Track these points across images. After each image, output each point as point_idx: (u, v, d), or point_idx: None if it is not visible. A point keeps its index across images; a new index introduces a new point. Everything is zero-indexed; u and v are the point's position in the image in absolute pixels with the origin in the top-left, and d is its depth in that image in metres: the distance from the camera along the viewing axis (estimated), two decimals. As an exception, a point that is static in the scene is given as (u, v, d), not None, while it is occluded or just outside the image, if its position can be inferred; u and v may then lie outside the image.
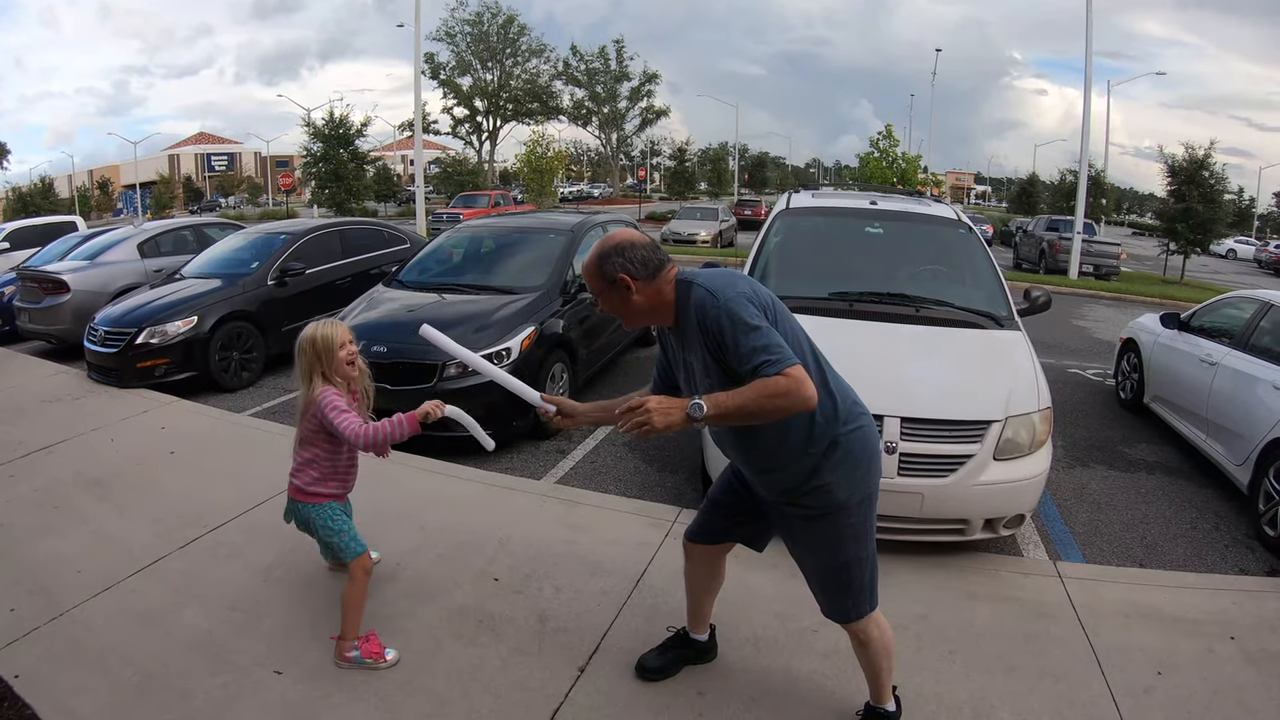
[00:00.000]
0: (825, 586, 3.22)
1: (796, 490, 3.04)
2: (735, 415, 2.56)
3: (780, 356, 2.59)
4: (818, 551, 3.16)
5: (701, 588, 3.75)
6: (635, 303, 2.91)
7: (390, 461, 6.23)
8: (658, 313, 2.96)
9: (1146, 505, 6.34)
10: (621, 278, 2.86)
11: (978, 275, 6.50)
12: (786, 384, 2.53)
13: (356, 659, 3.81)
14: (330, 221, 12.66)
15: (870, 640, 3.25)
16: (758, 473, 3.16)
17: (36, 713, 3.50)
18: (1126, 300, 20.31)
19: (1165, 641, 4.15)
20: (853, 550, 3.10)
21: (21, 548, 5.02)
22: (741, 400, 2.55)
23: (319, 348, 3.79)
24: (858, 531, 3.09)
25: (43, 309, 11.17)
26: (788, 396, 2.53)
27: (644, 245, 2.93)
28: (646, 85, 75.76)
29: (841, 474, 2.99)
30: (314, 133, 37.82)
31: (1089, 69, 25.31)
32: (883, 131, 51.51)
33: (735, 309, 2.70)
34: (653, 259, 2.90)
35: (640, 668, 3.80)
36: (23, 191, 53.37)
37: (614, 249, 2.90)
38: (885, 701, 3.40)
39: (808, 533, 3.14)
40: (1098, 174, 43.21)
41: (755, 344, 2.63)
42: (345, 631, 3.83)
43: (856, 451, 3.01)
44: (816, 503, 3.03)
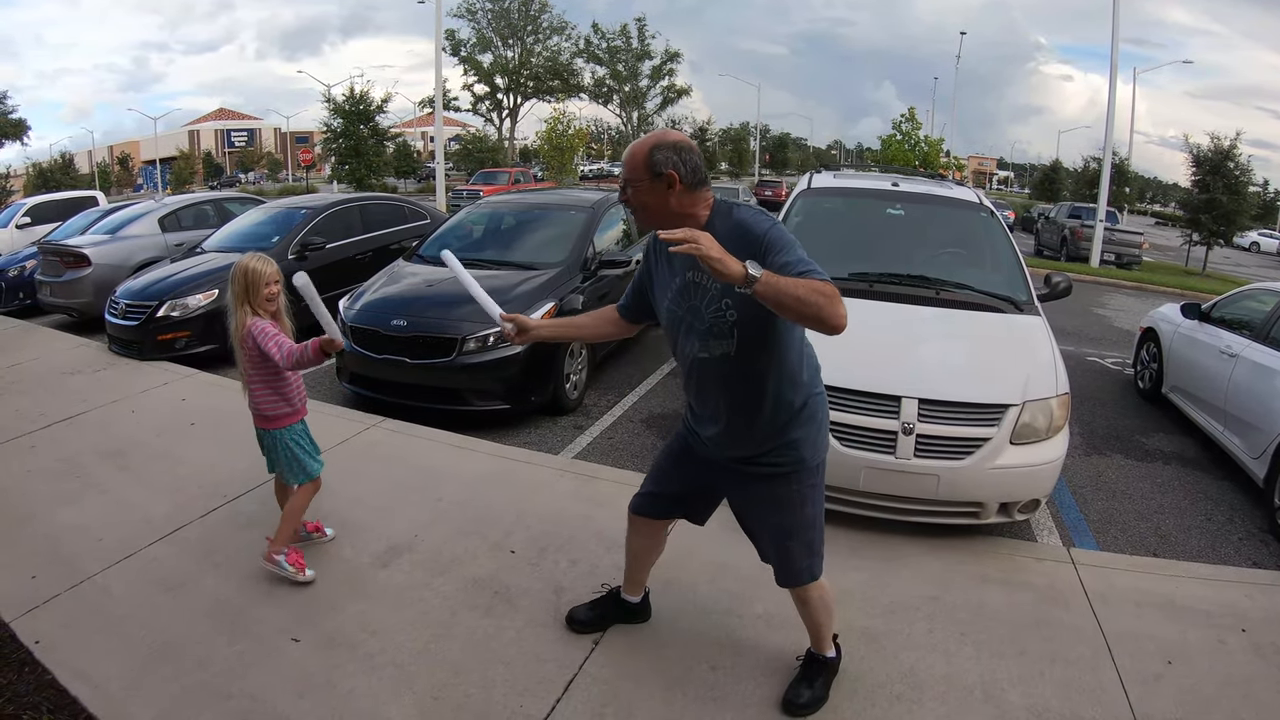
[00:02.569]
0: (784, 549, 3.29)
1: (765, 446, 3.12)
2: (785, 294, 2.48)
3: (825, 275, 2.59)
4: (781, 512, 3.24)
5: (641, 556, 3.85)
6: (669, 203, 2.90)
7: (408, 435, 6.34)
8: (681, 221, 2.85)
9: (1162, 495, 6.32)
10: (669, 173, 2.84)
11: (998, 259, 6.48)
12: (831, 289, 2.50)
13: (281, 563, 4.26)
14: (351, 197, 12.63)
15: (810, 600, 3.39)
16: (734, 422, 3.14)
17: (56, 678, 3.55)
18: (1147, 290, 20.19)
19: (1176, 631, 4.14)
20: (812, 511, 3.21)
21: (43, 517, 5.08)
22: (795, 285, 2.49)
23: (248, 279, 4.18)
24: (818, 493, 3.23)
25: (64, 283, 11.21)
26: (831, 301, 2.47)
27: (698, 155, 2.93)
28: (668, 64, 75.31)
29: (809, 432, 3.13)
30: (334, 109, 37.90)
31: (1114, 55, 24.99)
32: (905, 114, 51.12)
33: (786, 232, 2.78)
34: (701, 171, 2.92)
35: (569, 619, 3.96)
36: (43, 167, 53.52)
37: (672, 144, 2.88)
38: (826, 650, 3.55)
39: (770, 494, 3.22)
40: (1121, 162, 42.87)
41: (803, 255, 2.67)
42: (279, 536, 4.31)
43: (820, 414, 3.19)
44: (783, 460, 3.13)
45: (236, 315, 4.21)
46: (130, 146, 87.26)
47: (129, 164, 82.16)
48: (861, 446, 4.81)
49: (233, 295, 4.22)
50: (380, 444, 6.30)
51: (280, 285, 4.32)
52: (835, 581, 4.37)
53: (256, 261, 4.23)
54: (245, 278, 4.17)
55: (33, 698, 3.43)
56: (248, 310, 4.19)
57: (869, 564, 4.67)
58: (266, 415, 4.33)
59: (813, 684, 3.50)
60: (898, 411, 4.75)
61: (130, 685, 3.52)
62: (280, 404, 4.33)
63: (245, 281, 4.18)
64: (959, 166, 58.62)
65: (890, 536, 4.96)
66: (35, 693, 3.46)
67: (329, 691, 3.48)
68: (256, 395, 4.31)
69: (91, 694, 3.46)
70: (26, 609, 4.05)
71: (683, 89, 77.40)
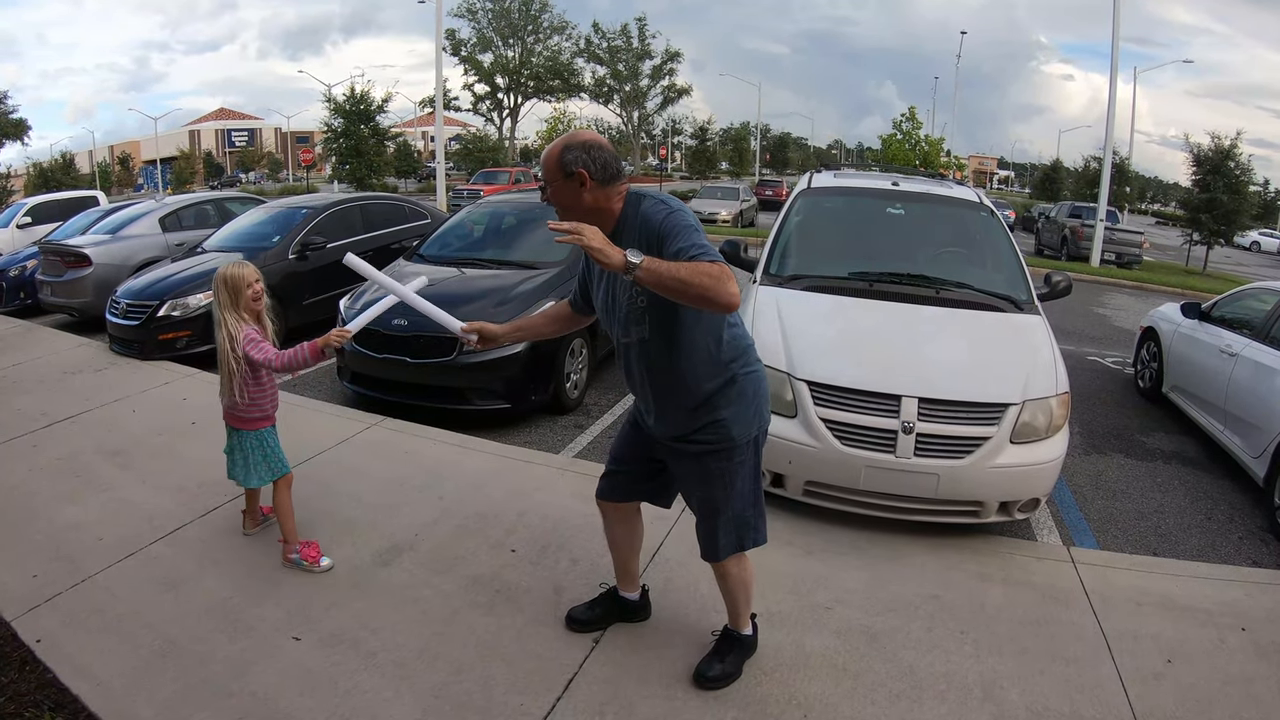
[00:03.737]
0: (708, 524, 3.36)
1: (694, 424, 3.20)
2: (667, 278, 2.62)
3: (717, 256, 2.73)
4: (707, 486, 3.30)
5: (623, 545, 3.88)
6: (584, 200, 2.99)
7: (409, 434, 6.35)
8: (600, 217, 3.00)
9: (1162, 494, 6.32)
10: (579, 172, 2.94)
11: (999, 258, 6.48)
12: (719, 270, 2.63)
13: (296, 560, 4.43)
14: (351, 196, 12.65)
15: (729, 575, 3.46)
16: (660, 402, 3.27)
17: (57, 676, 3.55)
18: (1148, 289, 20.19)
19: (1176, 630, 4.14)
20: (742, 487, 3.27)
21: (44, 515, 5.08)
22: (676, 268, 2.64)
23: (230, 285, 4.29)
24: (748, 470, 3.29)
25: (64, 282, 11.22)
26: (718, 281, 2.60)
27: (609, 152, 3.02)
28: (669, 63, 75.51)
29: (736, 410, 3.18)
30: (335, 109, 37.92)
31: (1115, 54, 24.99)
32: (906, 114, 51.21)
33: (684, 218, 2.90)
34: (613, 166, 3.01)
35: (569, 619, 3.98)
36: (44, 167, 53.48)
37: (580, 144, 2.99)
38: (742, 627, 3.63)
39: (700, 469, 3.28)
40: (1122, 161, 42.88)
41: (696, 240, 2.79)
42: (285, 536, 4.50)
43: (750, 391, 3.22)
44: (711, 437, 3.20)
45: (226, 323, 4.29)
46: (131, 146, 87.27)
47: (130, 164, 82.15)
48: (862, 445, 4.81)
49: (218, 305, 4.33)
50: (381, 443, 6.31)
51: (262, 284, 4.45)
52: (837, 580, 4.41)
53: (234, 268, 4.36)
54: (227, 285, 4.30)
55: (34, 696, 3.43)
56: (238, 316, 4.31)
57: (869, 562, 4.67)
58: (242, 419, 4.46)
59: (724, 658, 3.58)
60: (898, 410, 4.75)
61: (131, 683, 3.52)
62: (254, 409, 4.46)
63: (228, 289, 4.30)
64: (959, 166, 58.64)
65: (890, 535, 4.96)
66: (36, 691, 3.46)
67: (330, 689, 3.48)
68: (240, 400, 4.39)
69: (93, 692, 3.46)
70: (28, 607, 4.05)
71: (683, 88, 77.64)
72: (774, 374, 5.08)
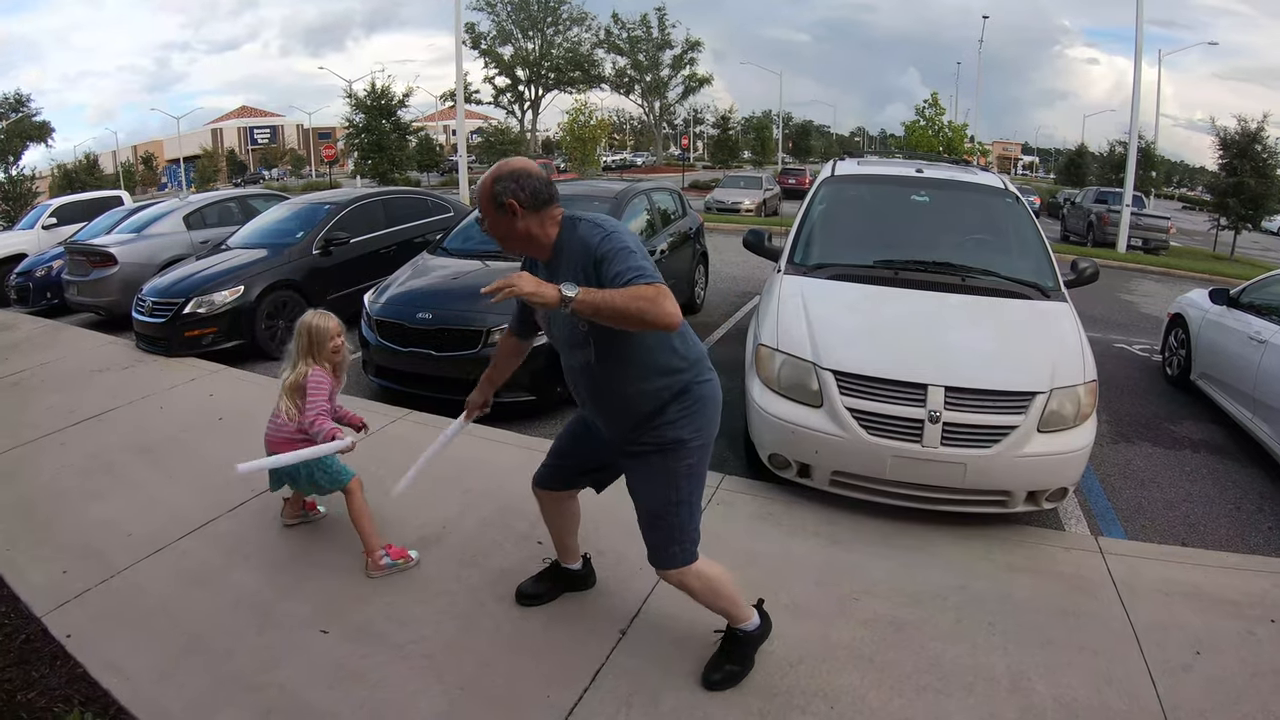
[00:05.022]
0: (652, 527, 3.33)
1: (642, 428, 3.21)
2: (603, 308, 2.67)
3: (651, 276, 2.76)
4: (652, 487, 3.28)
5: (560, 528, 4.00)
6: (518, 229, 3.03)
7: (435, 427, 6.35)
8: (535, 244, 3.08)
9: (1190, 484, 6.25)
10: (509, 202, 2.96)
11: (1025, 245, 6.43)
12: (654, 293, 2.67)
13: (389, 564, 4.38)
14: (374, 191, 12.68)
15: (694, 591, 3.41)
16: (609, 416, 3.31)
17: (88, 671, 3.59)
18: (1175, 275, 20.00)
19: (1205, 621, 4.10)
20: (685, 491, 3.25)
21: (73, 512, 5.14)
22: (611, 297, 2.69)
23: (313, 337, 4.43)
24: (693, 474, 3.26)
25: (90, 281, 11.31)
26: (654, 303, 2.65)
27: (538, 178, 3.03)
28: (689, 53, 75.60)
29: (685, 416, 3.19)
30: (356, 104, 38.03)
31: (1139, 37, 24.71)
32: (929, 100, 50.72)
33: (619, 240, 2.91)
34: (543, 193, 3.02)
35: (519, 594, 4.10)
36: (68, 169, 53.90)
37: (509, 174, 2.99)
38: (742, 623, 3.55)
39: (648, 469, 3.28)
40: (1147, 146, 42.53)
41: (631, 263, 2.80)
42: (369, 545, 4.40)
43: (705, 400, 3.23)
44: (659, 437, 3.19)
45: (298, 367, 4.44)
46: (154, 146, 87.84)
47: (153, 163, 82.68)
48: (888, 435, 4.79)
49: (296, 349, 4.47)
50: (407, 436, 6.32)
51: (344, 338, 4.61)
52: (863, 571, 4.40)
53: (320, 319, 4.48)
54: (310, 335, 4.43)
55: (65, 690, 3.48)
56: (310, 362, 4.43)
57: (896, 553, 4.65)
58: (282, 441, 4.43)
59: (730, 658, 3.56)
60: (924, 400, 4.73)
61: (161, 677, 3.55)
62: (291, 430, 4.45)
63: (309, 339, 4.43)
64: (983, 152, 58.16)
65: (917, 525, 4.94)
66: (67, 685, 3.51)
67: (358, 682, 3.51)
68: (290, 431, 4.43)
69: (123, 686, 3.50)
70: (58, 603, 4.09)
71: (704, 78, 77.61)
72: (799, 363, 5.08)
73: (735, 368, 7.27)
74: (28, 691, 3.46)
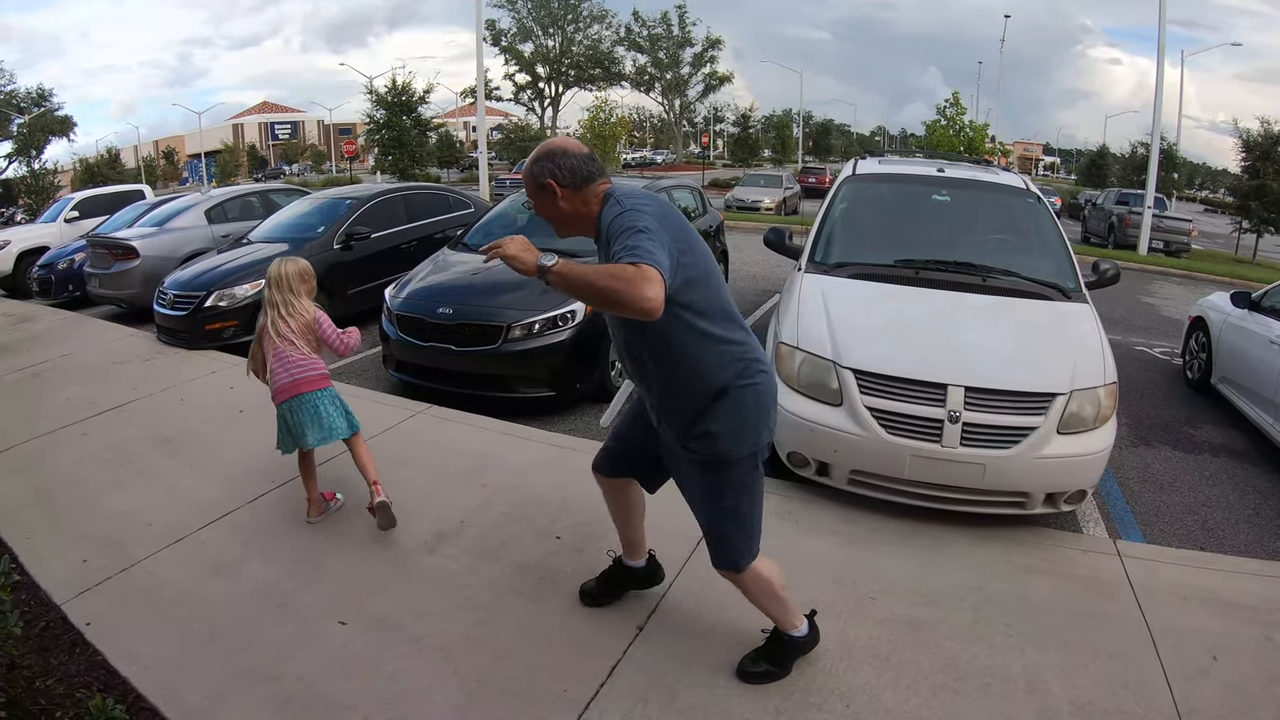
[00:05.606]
0: (709, 533, 3.34)
1: (686, 435, 3.15)
2: (577, 283, 2.61)
3: (642, 256, 2.57)
4: (702, 499, 3.27)
5: (622, 515, 3.90)
6: (562, 209, 3.01)
7: (454, 421, 6.39)
8: (583, 223, 3.05)
9: (1209, 488, 6.22)
10: (549, 183, 2.96)
11: (1046, 246, 6.41)
12: (631, 272, 2.51)
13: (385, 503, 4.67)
14: (395, 187, 12.73)
15: (748, 589, 3.39)
16: (658, 405, 3.26)
17: (107, 659, 3.62)
18: (1196, 278, 19.86)
19: (1222, 626, 4.07)
20: (731, 503, 3.20)
21: (94, 502, 5.19)
22: (585, 272, 2.61)
23: (305, 276, 4.84)
24: (739, 487, 3.19)
25: (112, 274, 11.41)
26: (628, 284, 2.49)
27: (576, 155, 2.99)
28: (709, 51, 75.55)
29: (728, 425, 3.08)
30: (377, 100, 38.14)
31: (1162, 37, 24.48)
32: (950, 99, 50.52)
33: (630, 219, 2.76)
34: (582, 170, 2.97)
35: (582, 593, 4.06)
36: (90, 163, 54.35)
37: (547, 154, 2.99)
38: (790, 629, 3.52)
39: (697, 478, 3.25)
40: (1169, 147, 42.25)
41: (629, 241, 2.65)
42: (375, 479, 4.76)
43: (746, 406, 3.10)
44: (703, 449, 3.13)
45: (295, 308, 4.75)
46: (175, 141, 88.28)
47: (174, 158, 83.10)
48: (907, 434, 4.78)
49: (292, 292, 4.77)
50: (426, 430, 6.36)
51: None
52: (881, 570, 4.39)
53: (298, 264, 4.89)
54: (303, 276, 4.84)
55: (84, 678, 3.51)
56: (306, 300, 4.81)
57: (913, 553, 4.64)
58: (316, 379, 4.74)
59: (771, 657, 3.54)
60: (944, 399, 4.71)
61: (179, 666, 3.58)
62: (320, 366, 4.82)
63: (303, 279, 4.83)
64: (1004, 152, 57.82)
65: (935, 525, 4.93)
66: (86, 673, 3.54)
67: (375, 674, 3.53)
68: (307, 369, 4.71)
69: (141, 674, 3.53)
70: (78, 591, 4.14)
71: (724, 76, 77.62)
72: (819, 362, 5.08)
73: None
74: (47, 678, 3.49)
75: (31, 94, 50.80)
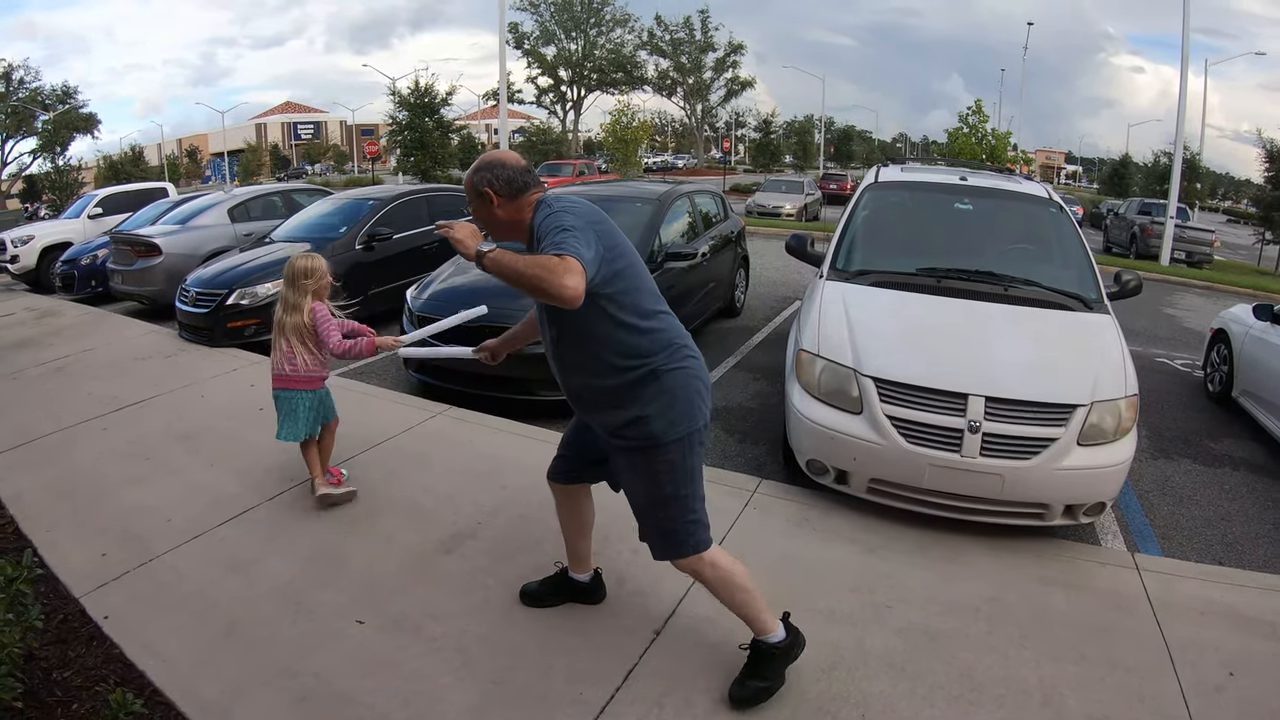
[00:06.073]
0: (645, 523, 3.36)
1: (616, 422, 3.22)
2: (507, 269, 2.76)
3: (565, 249, 2.75)
4: (638, 484, 3.30)
5: (570, 526, 3.99)
6: (497, 215, 3.16)
7: (473, 423, 6.41)
8: (516, 229, 3.20)
9: (1229, 502, 6.17)
10: (486, 191, 3.11)
11: (1068, 256, 6.38)
12: (555, 263, 2.67)
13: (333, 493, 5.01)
14: (418, 188, 12.79)
15: (706, 580, 3.38)
16: (580, 399, 3.38)
17: (124, 652, 3.65)
18: (1218, 290, 19.67)
19: (1240, 642, 4.04)
20: (670, 488, 3.22)
21: (114, 496, 5.23)
22: (515, 260, 2.75)
23: (315, 273, 5.02)
24: (676, 470, 3.22)
25: (135, 271, 11.50)
26: (551, 273, 2.65)
27: (513, 167, 3.16)
28: (732, 56, 75.48)
29: (658, 407, 3.16)
30: (400, 101, 38.25)
31: (1185, 46, 24.23)
32: (972, 107, 50.20)
33: (559, 219, 2.93)
34: (517, 180, 3.13)
35: (522, 593, 4.13)
36: (113, 160, 54.79)
37: (486, 165, 3.15)
38: (765, 633, 3.45)
39: (630, 466, 3.30)
40: (1192, 157, 41.95)
41: (555, 238, 2.83)
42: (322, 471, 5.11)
43: (676, 389, 3.18)
44: (635, 434, 3.18)
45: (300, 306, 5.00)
46: (199, 139, 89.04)
47: (197, 156, 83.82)
48: (927, 443, 4.77)
49: (296, 290, 5.00)
50: (446, 431, 6.39)
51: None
52: (898, 579, 4.38)
53: (313, 260, 5.11)
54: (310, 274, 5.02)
55: (101, 670, 3.54)
56: (313, 297, 5.02)
57: (931, 562, 4.63)
58: (308, 379, 5.05)
59: (756, 672, 3.46)
60: (964, 409, 4.70)
61: (197, 661, 3.61)
62: (318, 372, 5.10)
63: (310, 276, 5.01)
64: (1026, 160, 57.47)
65: (953, 535, 4.91)
66: (103, 666, 3.57)
67: (392, 673, 3.54)
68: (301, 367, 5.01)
69: (159, 668, 3.56)
70: (97, 585, 4.17)
71: (746, 81, 77.54)
72: (840, 369, 5.08)
73: (776, 373, 7.25)
74: (64, 670, 3.52)
75: (56, 91, 51.30)
